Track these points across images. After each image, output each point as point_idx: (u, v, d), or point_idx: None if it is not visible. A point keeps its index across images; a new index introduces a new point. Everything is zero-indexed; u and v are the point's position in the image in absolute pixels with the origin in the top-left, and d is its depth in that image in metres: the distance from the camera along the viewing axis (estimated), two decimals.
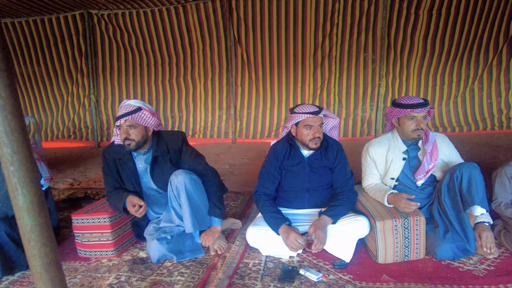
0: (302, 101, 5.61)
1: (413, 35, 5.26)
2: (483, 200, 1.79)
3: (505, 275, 1.69)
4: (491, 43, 5.29)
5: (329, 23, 5.24)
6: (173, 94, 5.67)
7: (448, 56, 5.35)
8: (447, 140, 2.08)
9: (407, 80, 5.45)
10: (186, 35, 5.42)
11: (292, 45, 5.37)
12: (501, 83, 5.43)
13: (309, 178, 2.09)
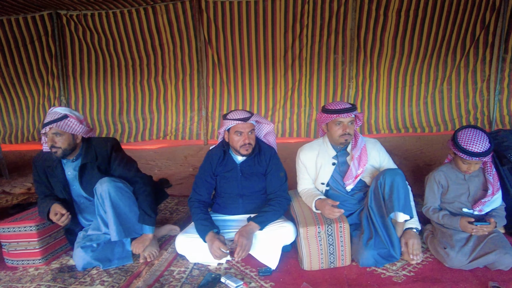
0: (274, 102, 5.62)
1: (383, 36, 5.29)
2: (405, 206, 1.81)
3: (421, 281, 1.72)
4: (458, 45, 5.34)
5: (298, 24, 5.25)
6: (144, 96, 5.63)
7: (417, 57, 5.39)
8: (378, 145, 2.10)
9: (377, 81, 5.48)
10: (156, 37, 5.38)
11: (262, 47, 5.37)
12: (469, 84, 5.49)
13: (242, 184, 2.10)
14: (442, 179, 2.00)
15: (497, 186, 1.92)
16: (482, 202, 1.88)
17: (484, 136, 1.81)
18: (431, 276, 1.75)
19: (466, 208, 1.94)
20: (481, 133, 1.81)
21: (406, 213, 1.82)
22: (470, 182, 1.96)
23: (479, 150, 1.77)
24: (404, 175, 1.87)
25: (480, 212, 1.91)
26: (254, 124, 2.06)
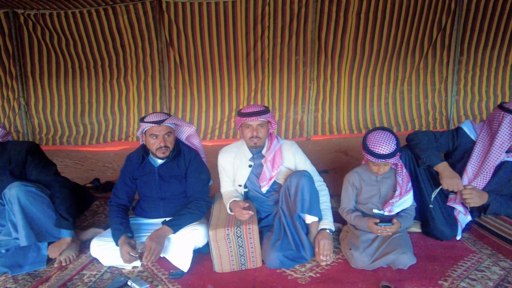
0: (237, 103, 5.63)
1: (343, 38, 5.36)
2: (311, 208, 1.84)
3: (323, 282, 1.76)
4: (417, 47, 5.45)
5: (260, 26, 5.27)
6: (106, 97, 5.58)
7: (377, 59, 5.48)
8: (294, 147, 2.13)
9: (338, 83, 5.55)
10: (118, 37, 5.34)
11: (224, 48, 5.37)
12: (428, 85, 5.61)
13: (161, 187, 2.11)
14: (356, 180, 2.05)
15: (406, 187, 1.97)
16: (391, 203, 1.94)
17: (391, 138, 1.85)
18: (335, 277, 1.80)
19: (377, 209, 1.99)
20: (388, 136, 1.86)
21: (313, 214, 1.86)
22: (382, 184, 2.01)
23: (384, 152, 1.82)
24: (311, 178, 1.90)
25: (390, 213, 1.97)
26: (171, 126, 2.07)
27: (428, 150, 2.07)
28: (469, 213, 2.08)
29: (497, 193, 1.99)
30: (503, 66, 5.54)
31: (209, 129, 5.61)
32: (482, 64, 5.55)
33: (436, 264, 1.86)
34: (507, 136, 1.89)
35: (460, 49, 5.48)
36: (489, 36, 5.41)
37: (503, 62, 5.52)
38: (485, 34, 5.41)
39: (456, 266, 1.84)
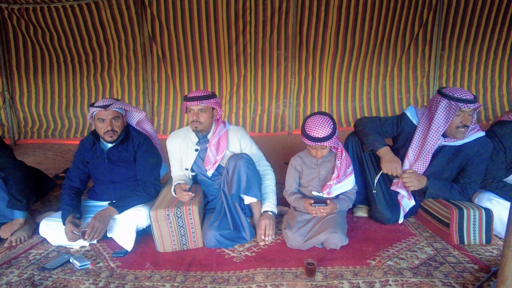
0: (220, 97, 5.67)
1: (325, 32, 5.39)
2: (247, 189, 1.90)
3: (255, 261, 1.81)
4: (398, 41, 5.47)
5: (241, 21, 5.31)
6: (90, 91, 5.66)
7: (359, 53, 5.50)
8: (240, 133, 2.18)
9: (320, 77, 5.58)
10: (101, 32, 5.41)
11: (206, 42, 5.42)
12: (410, 79, 5.63)
13: (111, 171, 2.17)
14: (298, 164, 2.09)
15: (345, 171, 2.01)
16: (328, 185, 1.98)
17: (328, 122, 1.90)
18: (268, 256, 1.85)
19: (316, 191, 2.04)
20: (325, 120, 1.90)
21: (250, 195, 1.91)
22: (321, 167, 2.05)
23: (319, 135, 1.86)
24: (249, 161, 1.95)
25: (328, 195, 2.01)
26: (119, 111, 2.13)
27: (371, 135, 2.11)
28: (412, 197, 2.12)
29: (436, 177, 2.03)
30: (484, 61, 5.55)
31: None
32: (464, 59, 5.56)
33: (371, 245, 1.90)
34: (442, 120, 1.92)
35: (441, 44, 5.49)
36: (471, 31, 5.42)
37: (484, 57, 5.53)
38: (466, 29, 5.42)
39: (390, 247, 1.88)
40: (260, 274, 1.67)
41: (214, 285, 1.63)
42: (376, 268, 1.67)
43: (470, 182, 1.96)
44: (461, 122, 1.89)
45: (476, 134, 1.96)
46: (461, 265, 1.67)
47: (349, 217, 2.28)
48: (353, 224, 2.18)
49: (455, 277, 1.57)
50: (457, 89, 1.90)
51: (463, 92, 1.90)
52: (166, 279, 1.69)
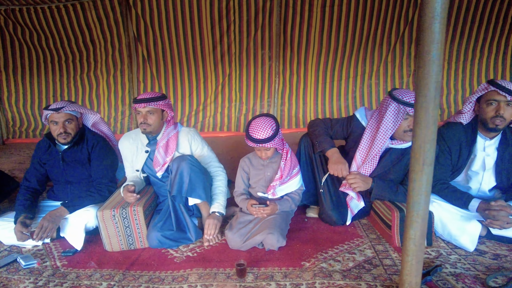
0: (205, 96, 5.71)
1: (309, 31, 5.38)
2: (190, 190, 1.92)
3: (194, 261, 1.84)
4: (384, 40, 5.44)
5: (225, 20, 5.32)
6: (77, 91, 5.73)
7: (343, 52, 5.49)
8: (191, 135, 2.20)
9: (305, 76, 5.58)
10: (87, 32, 5.46)
11: (190, 42, 5.45)
12: (396, 78, 5.60)
13: (66, 172, 2.21)
14: (246, 165, 2.12)
15: (290, 172, 2.03)
16: (272, 186, 2.00)
17: (270, 124, 1.91)
18: (208, 256, 1.87)
19: (262, 192, 2.05)
20: (267, 121, 1.92)
21: (194, 196, 1.94)
22: (267, 168, 2.07)
23: (260, 137, 1.88)
24: (193, 162, 1.97)
25: (273, 196, 2.03)
26: (72, 114, 2.16)
27: (321, 136, 2.12)
28: (362, 199, 2.12)
29: (382, 178, 2.03)
30: (471, 59, 5.49)
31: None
32: (450, 58, 5.51)
33: (312, 246, 1.92)
34: (390, 123, 1.93)
35: None
36: (456, 30, 5.37)
37: (471, 56, 5.48)
38: (452, 27, 5.37)
39: (330, 249, 1.89)
40: (194, 275, 1.70)
41: (149, 284, 1.66)
42: (308, 270, 1.68)
43: None
44: (409, 126, 1.89)
45: None
46: (394, 267, 1.67)
47: (302, 217, 2.30)
48: (303, 225, 2.19)
49: (383, 280, 1.57)
50: (407, 92, 1.89)
51: (413, 95, 1.90)
52: (105, 278, 1.73)
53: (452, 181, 2.03)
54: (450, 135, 1.98)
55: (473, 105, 1.97)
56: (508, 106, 1.81)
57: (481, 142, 1.95)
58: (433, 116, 0.93)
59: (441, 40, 0.86)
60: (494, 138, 1.94)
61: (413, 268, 1.09)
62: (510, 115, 1.84)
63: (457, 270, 1.63)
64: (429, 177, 1.01)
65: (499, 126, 1.84)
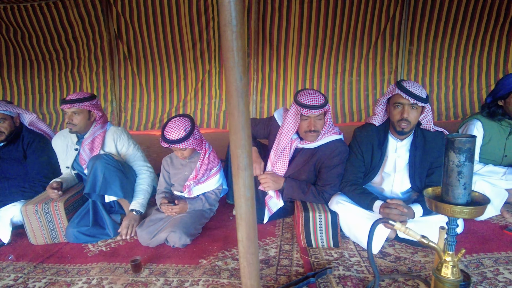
0: (185, 93, 5.78)
1: (288, 28, 5.36)
2: (104, 188, 1.99)
3: (103, 255, 1.91)
4: (365, 36, 5.37)
5: (204, 17, 5.36)
6: (62, 88, 5.87)
7: (323, 49, 5.45)
8: (117, 134, 2.25)
9: (285, 73, 5.57)
10: (69, 30, 5.59)
11: (170, 39, 5.51)
12: (377, 75, 5.53)
13: (3, 168, 2.30)
14: (166, 164, 2.17)
15: (207, 172, 2.06)
16: (187, 185, 2.04)
17: (184, 125, 1.94)
18: (118, 251, 1.93)
19: (179, 191, 2.10)
20: (182, 122, 1.95)
21: (109, 194, 2.00)
22: (186, 167, 2.11)
23: (172, 137, 1.92)
24: (109, 161, 2.02)
25: (190, 195, 2.07)
26: (6, 113, 2.25)
27: None
28: (281, 198, 2.14)
29: (295, 178, 2.04)
30: (454, 56, 5.37)
31: (157, 118, 5.79)
32: (433, 54, 5.40)
33: (220, 244, 1.94)
34: (291, 124, 1.94)
35: (410, 38, 5.36)
36: (439, 26, 5.26)
37: (454, 53, 5.35)
38: (435, 23, 5.26)
39: (236, 247, 1.91)
40: (97, 268, 1.76)
41: (53, 276, 1.73)
42: (201, 267, 1.71)
43: (325, 185, 1.96)
44: (308, 127, 1.90)
45: (331, 137, 1.95)
46: (287, 268, 1.69)
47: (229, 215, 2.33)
48: (225, 223, 2.22)
49: (269, 280, 1.59)
50: (307, 94, 1.88)
51: (310, 97, 1.86)
52: (16, 270, 1.81)
53: (370, 183, 2.03)
54: (363, 137, 1.97)
55: (384, 106, 1.95)
56: (413, 109, 1.79)
57: (392, 143, 1.93)
58: (240, 122, 0.95)
59: (236, 48, 0.87)
60: (405, 140, 1.92)
61: (246, 270, 1.12)
62: (415, 118, 1.81)
63: (348, 273, 1.63)
64: (245, 181, 1.03)
65: (404, 129, 1.82)
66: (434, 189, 1.13)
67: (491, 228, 1.97)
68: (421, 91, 1.77)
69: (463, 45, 5.32)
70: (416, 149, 1.87)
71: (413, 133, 1.90)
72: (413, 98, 1.74)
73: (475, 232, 1.95)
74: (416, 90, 1.75)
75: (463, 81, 5.45)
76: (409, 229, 1.12)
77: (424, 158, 1.86)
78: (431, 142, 1.86)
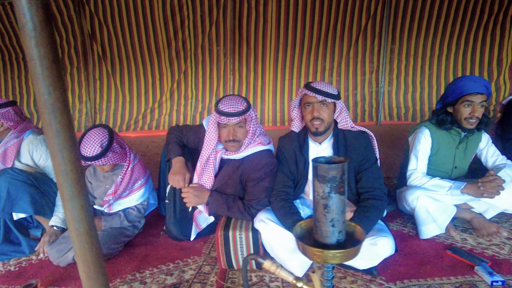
0: (161, 93, 5.63)
1: (265, 27, 5.19)
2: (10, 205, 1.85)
3: (6, 277, 1.75)
4: (345, 35, 5.19)
5: (178, 16, 5.20)
6: None
7: (302, 48, 5.28)
8: (34, 144, 2.07)
9: (263, 73, 5.40)
10: None
11: (144, 39, 5.36)
12: (358, 75, 5.35)
13: None
14: (90, 175, 2.03)
15: (129, 186, 1.91)
16: (106, 200, 1.89)
17: (100, 140, 1.78)
18: (27, 272, 1.78)
19: (100, 205, 1.95)
20: (96, 137, 1.80)
21: (18, 211, 1.85)
22: (108, 180, 1.96)
23: (88, 154, 1.76)
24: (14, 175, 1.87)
25: (110, 210, 1.92)
26: None
27: (170, 144, 1.99)
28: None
29: (222, 192, 1.87)
30: (438, 55, 5.17)
31: (132, 120, 5.65)
32: (416, 53, 5.20)
33: (133, 265, 1.75)
34: (211, 133, 1.78)
35: (391, 37, 5.17)
36: (422, 24, 5.06)
37: (437, 51, 5.14)
38: (417, 21, 5.07)
39: (151, 268, 1.74)
40: None
41: None
42: None
43: (251, 200, 1.78)
44: (227, 136, 1.73)
45: (256, 148, 1.78)
46: None
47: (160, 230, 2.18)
48: (154, 239, 2.06)
49: None
50: (227, 100, 1.70)
51: (228, 104, 1.68)
52: None
53: (302, 194, 1.86)
54: (285, 144, 1.81)
55: (299, 110, 1.78)
56: (323, 106, 1.63)
57: (313, 148, 1.76)
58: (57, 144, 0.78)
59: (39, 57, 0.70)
60: (325, 143, 1.75)
61: None
62: (328, 115, 1.65)
63: None
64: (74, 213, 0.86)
65: (318, 128, 1.66)
66: (306, 223, 0.95)
67: (434, 247, 1.79)
68: (329, 88, 1.64)
69: (447, 44, 5.12)
70: (338, 151, 1.70)
71: (333, 135, 1.74)
72: (321, 95, 1.61)
73: (415, 253, 1.77)
74: (323, 87, 1.62)
75: (447, 80, 5.24)
76: (280, 268, 0.95)
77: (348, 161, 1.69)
78: (354, 143, 1.70)
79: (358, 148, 1.69)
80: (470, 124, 1.85)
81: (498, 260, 1.64)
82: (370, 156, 1.68)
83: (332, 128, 1.76)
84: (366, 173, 1.66)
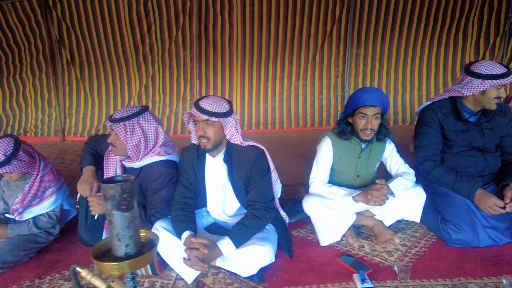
0: (129, 98, 5.65)
1: (231, 32, 5.23)
2: None
3: None
4: (311, 39, 5.23)
5: (145, 21, 5.23)
6: (5, 93, 5.76)
7: (268, 53, 5.31)
8: None
9: (230, 78, 5.43)
10: (10, 35, 5.47)
11: (112, 44, 5.38)
12: (323, 79, 5.38)
13: None
14: (3, 185, 2.03)
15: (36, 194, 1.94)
16: (15, 209, 1.91)
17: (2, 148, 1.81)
18: None
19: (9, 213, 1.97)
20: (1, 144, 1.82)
21: None
22: (19, 189, 1.98)
23: None
24: None
25: (20, 218, 1.93)
26: None
27: (84, 154, 2.01)
28: None
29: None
30: (403, 59, 5.22)
31: (101, 124, 5.66)
32: (382, 57, 5.24)
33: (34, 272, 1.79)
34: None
35: (357, 41, 5.20)
36: (387, 28, 5.11)
37: (403, 55, 5.19)
38: (382, 25, 5.11)
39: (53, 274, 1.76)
40: None
41: None
42: None
43: (151, 209, 1.80)
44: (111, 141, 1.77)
45: (154, 158, 1.80)
46: None
47: None
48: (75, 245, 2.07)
49: None
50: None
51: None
52: None
53: (206, 208, 1.88)
54: (184, 155, 1.83)
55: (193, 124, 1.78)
56: (208, 124, 1.64)
57: (209, 160, 1.79)
58: None
59: None
60: (219, 156, 1.77)
61: None
62: (214, 134, 1.65)
63: None
64: None
65: (206, 146, 1.67)
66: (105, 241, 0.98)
67: (327, 255, 1.80)
68: (216, 106, 1.62)
69: (411, 48, 5.16)
70: (231, 165, 1.72)
71: (226, 149, 1.76)
72: (205, 114, 1.60)
73: (307, 260, 1.78)
74: (208, 106, 1.60)
75: (412, 84, 5.28)
76: (95, 278, 0.97)
77: (239, 174, 1.71)
78: (244, 158, 1.72)
79: (247, 163, 1.71)
80: (366, 135, 1.88)
81: (382, 266, 1.66)
82: (258, 171, 1.71)
83: (225, 143, 1.77)
84: (253, 187, 1.70)
